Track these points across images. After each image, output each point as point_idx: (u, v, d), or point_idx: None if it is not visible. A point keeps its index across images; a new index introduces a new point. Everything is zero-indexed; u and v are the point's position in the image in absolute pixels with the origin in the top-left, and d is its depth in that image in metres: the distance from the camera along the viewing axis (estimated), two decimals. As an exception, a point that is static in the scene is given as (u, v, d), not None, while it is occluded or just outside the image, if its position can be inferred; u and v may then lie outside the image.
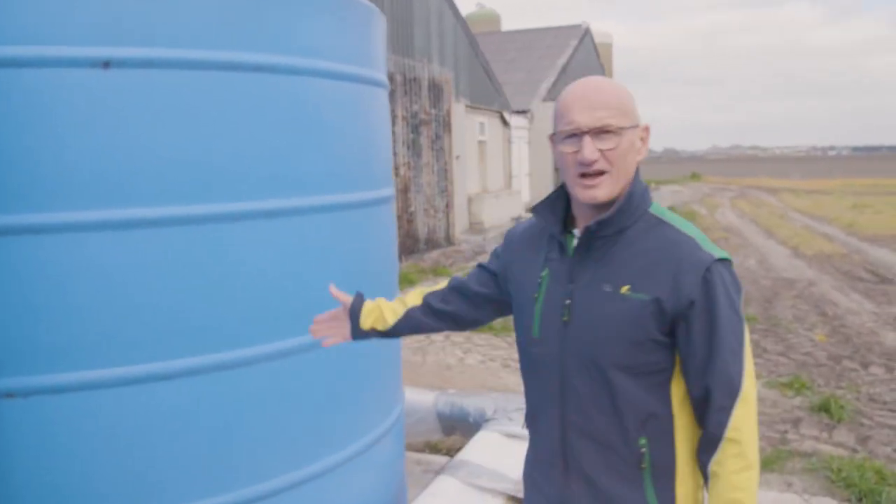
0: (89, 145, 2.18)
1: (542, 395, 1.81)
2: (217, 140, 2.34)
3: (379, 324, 2.11)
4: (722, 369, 1.62)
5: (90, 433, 2.23)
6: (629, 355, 1.66)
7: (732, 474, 1.62)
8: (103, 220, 2.20)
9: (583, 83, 1.71)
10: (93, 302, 2.20)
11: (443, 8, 17.62)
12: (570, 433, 1.75)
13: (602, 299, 1.68)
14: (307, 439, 2.64)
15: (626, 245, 1.70)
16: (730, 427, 1.62)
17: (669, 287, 1.63)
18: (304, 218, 2.59)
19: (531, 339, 1.81)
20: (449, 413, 4.18)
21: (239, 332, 2.42)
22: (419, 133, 14.78)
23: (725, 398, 1.62)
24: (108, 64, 2.18)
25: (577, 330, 1.71)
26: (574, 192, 1.71)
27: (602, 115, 1.63)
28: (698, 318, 1.62)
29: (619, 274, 1.68)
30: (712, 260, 1.64)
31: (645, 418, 1.68)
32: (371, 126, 2.98)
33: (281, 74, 2.49)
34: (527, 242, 1.92)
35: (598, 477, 1.72)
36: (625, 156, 1.66)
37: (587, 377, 1.70)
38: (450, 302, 2.07)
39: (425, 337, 8.19)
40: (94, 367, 2.22)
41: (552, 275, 1.78)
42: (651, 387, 1.68)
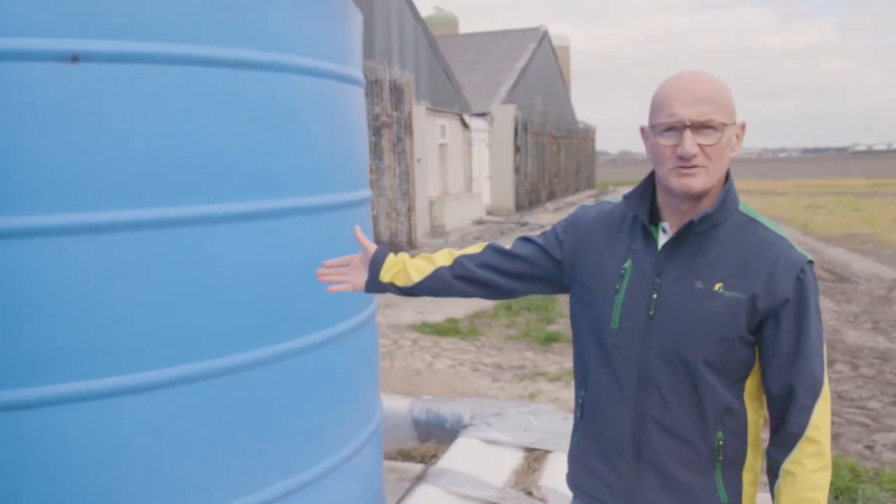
0: (57, 144, 2.05)
1: (613, 386, 1.78)
2: (193, 139, 2.23)
3: (400, 279, 2.00)
4: (807, 368, 1.64)
5: (62, 450, 2.10)
6: (717, 352, 1.66)
7: (811, 473, 1.64)
8: (73, 223, 2.07)
9: (685, 76, 1.67)
10: (62, 310, 2.07)
11: (403, 10, 17.54)
12: (646, 426, 1.74)
13: (694, 296, 1.67)
14: (288, 451, 2.53)
15: (718, 242, 1.69)
16: (811, 426, 1.64)
17: (764, 285, 1.63)
18: (284, 220, 2.48)
19: (608, 330, 1.77)
20: (425, 419, 4.09)
21: (217, 341, 2.31)
22: (381, 136, 14.67)
23: (808, 397, 1.64)
24: (76, 58, 2.06)
25: (664, 324, 1.70)
26: (668, 182, 1.67)
27: (704, 109, 1.60)
28: (789, 317, 1.64)
29: (712, 271, 1.67)
30: (805, 261, 1.66)
31: (723, 413, 1.70)
32: (349, 125, 2.89)
33: (258, 70, 2.39)
34: (602, 230, 1.86)
35: (672, 467, 1.73)
36: (722, 152, 1.64)
37: (670, 371, 1.69)
38: (487, 269, 1.96)
39: (392, 342, 8.09)
40: (64, 380, 2.09)
41: (637, 266, 1.75)
42: (730, 383, 1.69)
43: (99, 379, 2.12)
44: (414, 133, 16.40)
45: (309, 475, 2.61)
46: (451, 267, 1.99)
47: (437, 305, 10.05)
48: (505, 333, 8.34)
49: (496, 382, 6.36)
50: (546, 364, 6.99)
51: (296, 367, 2.55)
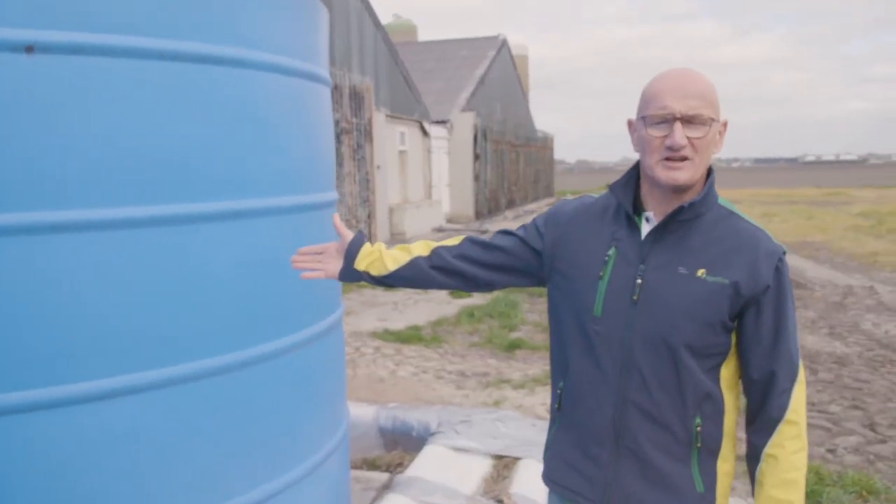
0: (11, 140, 1.94)
1: (595, 373, 1.81)
2: (155, 136, 2.13)
3: (375, 268, 2.01)
4: (786, 353, 1.72)
5: (29, 459, 1.98)
6: (699, 336, 1.71)
7: (792, 455, 1.71)
8: (28, 222, 1.96)
9: (676, 71, 1.75)
10: (22, 314, 1.96)
11: (362, 16, 17.46)
12: (627, 411, 1.77)
13: (678, 281, 1.73)
14: (256, 459, 2.44)
15: (700, 231, 1.76)
16: (790, 409, 1.72)
17: (747, 272, 1.70)
18: (254, 221, 2.40)
19: (591, 317, 1.81)
20: (391, 427, 4.01)
21: (184, 345, 2.21)
22: (341, 142, 14.55)
23: (787, 381, 1.72)
24: (31, 48, 1.95)
25: (647, 309, 1.74)
26: (655, 174, 1.73)
27: (695, 103, 1.68)
28: (769, 303, 1.72)
29: (696, 258, 1.74)
30: (783, 251, 1.75)
31: (702, 399, 1.75)
32: (317, 125, 2.81)
33: (226, 66, 2.30)
34: (584, 220, 1.90)
35: (651, 454, 1.76)
36: (708, 146, 1.71)
37: (653, 356, 1.74)
38: (465, 260, 1.97)
39: (354, 349, 7.98)
40: (28, 386, 1.97)
41: (620, 254, 1.80)
42: (709, 368, 1.75)
43: (65, 385, 2.01)
44: (374, 140, 16.32)
45: (281, 482, 2.52)
46: (429, 257, 1.99)
47: (399, 313, 9.97)
48: (468, 341, 8.29)
49: (460, 390, 6.30)
50: (510, 371, 6.94)
51: (267, 370, 2.46)
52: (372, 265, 2.01)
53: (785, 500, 1.71)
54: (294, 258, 2.06)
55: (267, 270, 2.42)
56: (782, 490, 1.71)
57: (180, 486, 2.21)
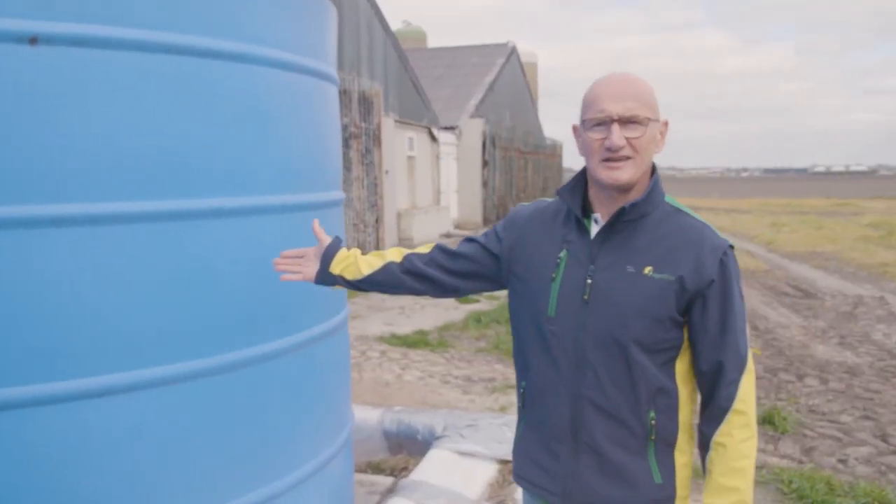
0: (12, 131, 1.91)
1: (551, 372, 1.86)
2: (157, 131, 2.11)
3: (349, 272, 2.08)
4: (733, 344, 1.76)
5: (22, 456, 1.95)
6: (648, 332, 1.76)
7: (740, 443, 1.75)
8: (28, 216, 1.94)
9: (613, 76, 1.81)
10: (21, 307, 1.93)
11: (372, 22, 17.48)
12: (582, 408, 1.82)
13: (626, 280, 1.77)
14: (256, 460, 2.40)
15: (646, 230, 1.80)
16: (738, 399, 1.76)
17: (692, 267, 1.75)
18: (257, 218, 2.37)
19: (546, 317, 1.86)
20: (396, 431, 3.96)
21: (183, 343, 2.18)
22: (349, 147, 14.53)
23: (735, 371, 1.76)
24: (35, 40, 1.93)
25: (598, 308, 1.79)
26: (598, 175, 1.79)
27: (631, 105, 1.74)
28: (715, 296, 1.76)
29: (642, 256, 1.78)
30: (727, 245, 1.80)
31: (655, 393, 1.79)
32: (323, 123, 2.78)
33: (229, 61, 2.28)
34: (538, 224, 1.96)
35: (608, 449, 1.81)
36: (647, 146, 1.77)
37: (605, 353, 1.78)
38: (434, 267, 2.06)
39: (360, 353, 7.94)
40: (25, 382, 1.95)
41: (572, 255, 1.85)
42: (662, 363, 1.79)
43: (57, 382, 1.98)
44: (382, 145, 16.30)
45: (280, 485, 2.48)
46: (401, 263, 2.07)
47: (406, 318, 9.93)
48: (475, 346, 8.24)
49: (467, 395, 6.25)
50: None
51: (268, 370, 2.43)
52: (346, 269, 2.08)
53: (732, 488, 1.75)
54: (276, 260, 2.14)
55: (269, 269, 2.38)
56: (730, 477, 1.75)
57: (178, 486, 2.18)
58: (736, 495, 1.75)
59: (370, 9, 17.35)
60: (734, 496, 1.75)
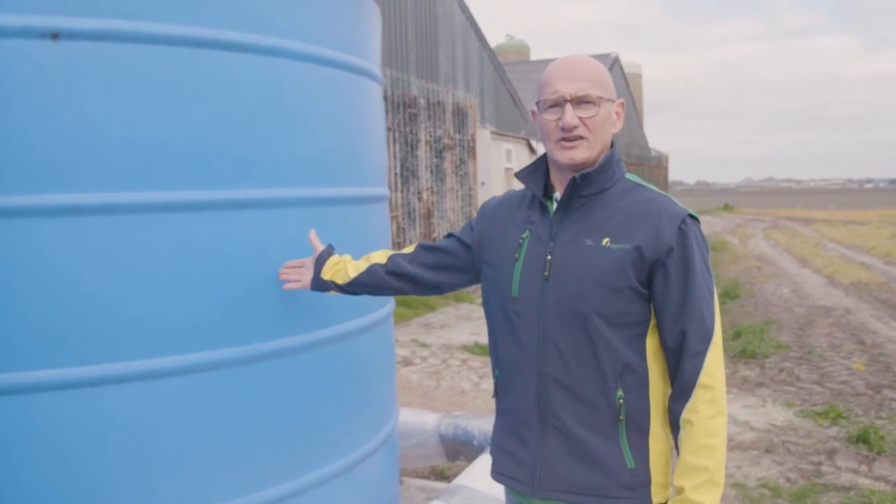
0: (35, 124, 1.98)
1: (518, 354, 1.85)
2: (176, 122, 2.14)
3: (339, 277, 2.18)
4: (696, 313, 1.71)
5: (27, 442, 2.00)
6: (608, 303, 1.73)
7: (707, 420, 1.69)
8: (49, 205, 2.00)
9: (565, 59, 1.84)
10: (31, 295, 1.99)
11: (468, 34, 17.57)
12: (547, 387, 1.79)
13: (584, 252, 1.76)
14: (278, 454, 2.38)
15: (605, 205, 1.80)
16: (703, 372, 1.70)
17: (650, 236, 1.73)
18: (278, 211, 2.37)
19: (510, 298, 1.85)
20: (452, 436, 3.90)
21: (200, 335, 2.19)
22: (443, 158, 14.62)
23: (699, 342, 1.71)
24: (57, 35, 2.00)
25: (557, 283, 1.78)
26: (554, 156, 1.81)
27: (582, 85, 1.76)
28: (675, 264, 1.73)
29: (600, 229, 1.77)
30: (686, 213, 1.77)
31: (622, 370, 1.76)
32: (359, 118, 2.76)
33: (255, 54, 2.30)
34: (505, 210, 1.98)
35: (575, 429, 1.77)
36: (602, 125, 1.79)
37: (567, 328, 1.76)
38: (414, 264, 2.12)
39: (442, 361, 7.92)
40: (34, 367, 2.00)
41: (533, 235, 1.86)
42: (628, 339, 1.76)
43: (70, 368, 2.03)
44: (477, 156, 16.31)
45: (304, 481, 2.46)
46: (385, 264, 2.15)
47: (492, 327, 9.84)
48: (558, 356, 8.08)
49: (542, 405, 6.12)
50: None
51: (293, 364, 2.42)
52: (336, 274, 2.19)
53: (701, 467, 1.68)
54: (280, 270, 2.29)
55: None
56: (698, 456, 1.69)
57: (192, 475, 2.18)
58: (705, 474, 1.68)
59: (466, 21, 17.46)
60: (703, 475, 1.68)
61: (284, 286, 2.27)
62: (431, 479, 4.69)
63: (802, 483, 4.56)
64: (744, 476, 4.71)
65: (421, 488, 4.44)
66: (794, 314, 10.40)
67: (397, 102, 12.78)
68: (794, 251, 19.97)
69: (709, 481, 1.68)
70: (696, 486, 1.68)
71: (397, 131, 12.75)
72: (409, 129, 13.24)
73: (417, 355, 8.27)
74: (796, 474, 4.72)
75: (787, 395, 6.48)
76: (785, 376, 7.11)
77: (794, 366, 7.48)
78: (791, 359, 7.76)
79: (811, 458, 5.01)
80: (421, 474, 4.78)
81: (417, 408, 6.04)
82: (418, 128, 13.46)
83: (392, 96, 12.58)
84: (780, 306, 11.05)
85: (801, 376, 7.09)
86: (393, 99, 12.61)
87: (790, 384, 6.84)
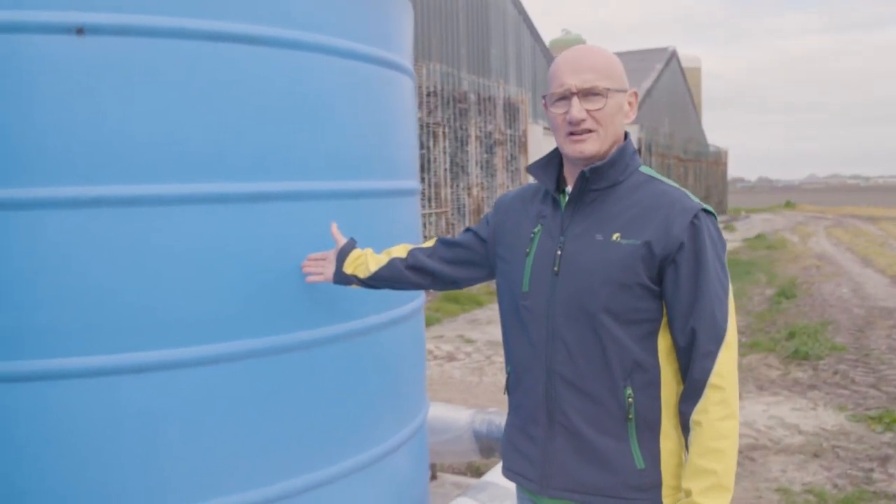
0: (59, 118, 2.02)
1: (527, 350, 1.83)
2: (199, 116, 2.16)
3: (360, 271, 2.19)
4: (708, 312, 1.66)
5: (47, 428, 2.05)
6: (617, 299, 1.69)
7: (717, 421, 1.64)
8: (73, 197, 2.04)
9: (573, 49, 1.80)
10: (53, 284, 2.03)
11: (520, 29, 17.46)
12: (556, 385, 1.77)
13: (593, 247, 1.73)
14: (301, 446, 2.39)
15: (617, 199, 1.76)
16: (714, 373, 1.65)
17: (660, 231, 1.68)
18: (302, 203, 2.37)
19: (521, 293, 1.83)
20: (486, 432, 3.87)
21: (222, 325, 2.21)
22: (493, 153, 14.59)
23: (711, 342, 1.66)
24: (82, 30, 2.03)
25: (566, 278, 1.75)
26: (564, 150, 1.78)
27: (589, 77, 1.72)
28: (686, 260, 1.67)
29: (611, 224, 1.74)
30: (699, 208, 1.71)
31: (631, 368, 1.71)
32: (387, 111, 2.75)
33: (279, 48, 2.30)
34: (518, 204, 1.97)
35: (583, 428, 1.74)
36: (612, 116, 1.74)
37: (575, 324, 1.73)
38: (434, 259, 2.12)
39: (486, 357, 7.90)
40: (54, 355, 2.04)
41: (545, 229, 1.84)
42: (638, 337, 1.72)
43: (91, 356, 2.07)
44: (529, 151, 16.23)
45: (325, 474, 2.46)
46: (405, 258, 2.15)
47: (539, 324, 9.77)
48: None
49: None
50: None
51: (317, 356, 2.42)
52: (358, 268, 2.19)
53: (708, 470, 1.63)
54: (303, 262, 2.29)
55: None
56: (706, 459, 1.64)
57: (211, 467, 2.21)
58: (712, 478, 1.63)
59: (518, 15, 17.36)
60: (710, 479, 1.63)
61: (307, 279, 2.27)
62: (467, 476, 4.68)
63: (850, 490, 4.41)
64: (788, 481, 4.58)
65: (456, 484, 4.43)
66: (853, 315, 10.08)
67: (447, 98, 12.78)
68: (856, 250, 19.37)
69: (716, 485, 1.63)
70: (703, 489, 1.63)
71: (447, 126, 12.75)
72: (459, 125, 13.23)
73: (462, 351, 8.26)
74: (845, 481, 4.57)
75: (840, 399, 6.28)
76: (839, 379, 6.90)
77: (849, 368, 7.25)
78: (846, 361, 7.52)
79: (862, 464, 4.84)
80: (457, 470, 4.78)
81: (459, 403, 6.04)
82: (468, 123, 13.44)
83: (442, 91, 12.58)
84: (838, 307, 10.73)
85: (856, 379, 6.87)
86: (443, 94, 12.61)
87: (844, 387, 6.63)
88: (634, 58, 29.75)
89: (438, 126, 12.37)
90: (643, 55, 30.14)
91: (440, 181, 12.56)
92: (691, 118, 34.41)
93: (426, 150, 11.98)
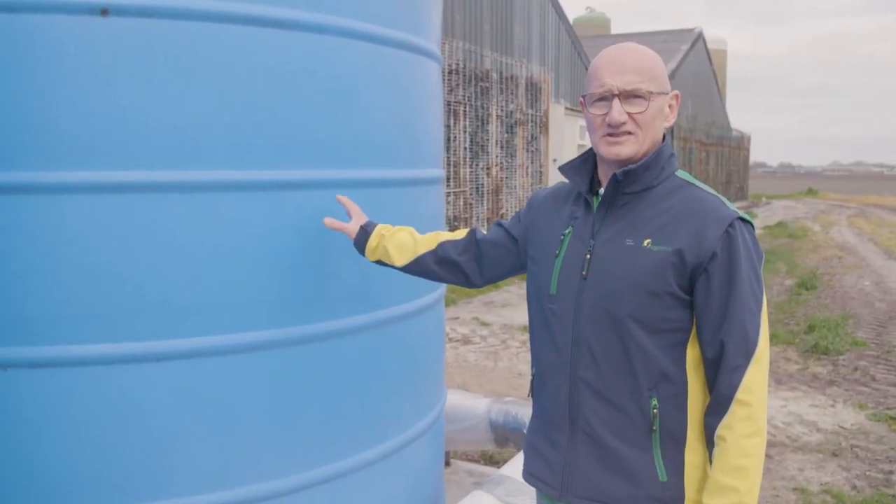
0: (81, 100, 1.98)
1: (552, 354, 1.79)
2: (224, 101, 2.11)
3: (385, 260, 2.18)
4: (738, 325, 1.60)
5: (67, 415, 2.03)
6: (645, 308, 1.64)
7: (742, 438, 1.58)
8: (98, 182, 2.00)
9: (616, 47, 1.74)
10: (77, 270, 2.00)
11: (545, 7, 17.23)
12: (579, 391, 1.73)
13: (624, 253, 1.68)
14: (319, 436, 2.36)
15: (650, 203, 1.71)
16: (742, 388, 1.59)
17: (692, 239, 1.63)
18: (328, 192, 2.32)
19: (548, 296, 1.80)
20: (502, 422, 3.84)
21: (244, 314, 2.18)
22: (514, 133, 14.46)
23: (740, 356, 1.60)
24: (106, 11, 1.98)
25: (595, 283, 1.71)
26: (599, 151, 1.73)
27: (632, 78, 1.66)
28: (718, 271, 1.61)
29: (643, 229, 1.69)
30: (735, 216, 1.64)
31: (658, 378, 1.66)
32: (414, 98, 2.69)
33: (305, 31, 2.24)
34: (551, 203, 1.93)
35: (606, 437, 1.70)
36: (652, 120, 1.69)
37: (601, 330, 1.69)
38: (468, 254, 2.08)
39: (501, 342, 7.87)
40: (78, 341, 2.02)
41: (575, 232, 1.79)
42: (666, 346, 1.66)
43: (115, 343, 2.04)
44: (550, 132, 16.08)
45: (345, 464, 2.43)
46: (435, 251, 2.11)
47: (555, 308, 9.72)
48: (620, 342, 7.93)
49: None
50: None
51: (337, 347, 2.39)
52: (383, 258, 2.18)
53: (730, 488, 1.58)
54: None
55: (344, 244, 2.31)
56: (729, 476, 1.58)
57: (232, 455, 2.18)
58: (734, 496, 1.58)
59: (544, -6, 17.13)
60: (732, 497, 1.58)
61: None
62: (481, 464, 4.66)
63: (869, 492, 4.35)
64: (806, 480, 4.53)
65: (469, 472, 4.41)
66: (875, 309, 9.96)
67: (469, 76, 12.65)
68: (880, 241, 19.13)
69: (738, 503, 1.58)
70: None
71: (468, 105, 12.64)
72: (480, 104, 13.11)
73: (477, 334, 8.23)
74: (863, 482, 4.51)
75: (859, 396, 6.20)
76: (859, 375, 6.82)
77: (870, 365, 7.16)
78: (867, 357, 7.43)
79: (881, 465, 4.78)
80: (471, 458, 4.76)
81: (473, 388, 6.01)
82: (490, 102, 13.32)
83: (464, 69, 12.45)
84: (859, 300, 10.60)
85: (877, 376, 6.78)
86: (465, 72, 12.49)
87: (864, 384, 6.55)
88: (659, 38, 29.34)
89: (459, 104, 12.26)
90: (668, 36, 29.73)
91: (459, 160, 12.47)
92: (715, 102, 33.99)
93: (446, 129, 11.89)
